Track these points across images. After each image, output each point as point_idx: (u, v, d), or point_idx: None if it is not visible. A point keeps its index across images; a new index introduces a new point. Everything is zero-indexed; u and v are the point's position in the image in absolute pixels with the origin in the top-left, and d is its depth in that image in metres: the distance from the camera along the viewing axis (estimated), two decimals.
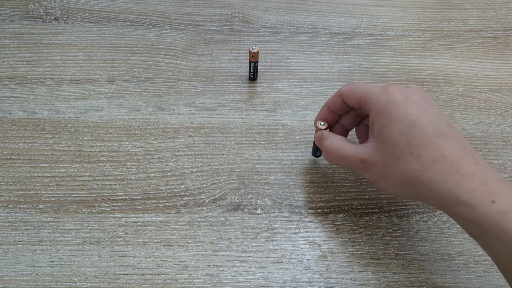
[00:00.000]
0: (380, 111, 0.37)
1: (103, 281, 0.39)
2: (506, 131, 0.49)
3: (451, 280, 0.40)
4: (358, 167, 0.38)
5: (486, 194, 0.32)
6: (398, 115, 0.35)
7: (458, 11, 0.59)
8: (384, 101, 0.37)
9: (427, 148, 0.34)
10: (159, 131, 0.47)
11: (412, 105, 0.36)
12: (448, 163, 0.34)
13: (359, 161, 0.37)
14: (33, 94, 0.49)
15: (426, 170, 0.34)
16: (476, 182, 0.33)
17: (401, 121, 0.35)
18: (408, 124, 0.35)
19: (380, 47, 0.55)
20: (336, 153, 0.39)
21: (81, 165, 0.45)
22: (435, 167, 0.34)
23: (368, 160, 0.37)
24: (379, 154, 0.36)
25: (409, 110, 0.35)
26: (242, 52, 0.54)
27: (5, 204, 0.42)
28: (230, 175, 0.45)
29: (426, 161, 0.34)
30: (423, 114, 0.35)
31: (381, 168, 0.36)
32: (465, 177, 0.33)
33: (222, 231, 0.42)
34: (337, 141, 0.39)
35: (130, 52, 0.53)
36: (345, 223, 0.43)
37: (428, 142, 0.34)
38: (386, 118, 0.36)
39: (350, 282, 0.40)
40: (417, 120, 0.35)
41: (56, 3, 0.57)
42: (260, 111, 0.49)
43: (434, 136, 0.35)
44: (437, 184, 0.34)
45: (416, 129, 0.35)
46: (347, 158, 0.38)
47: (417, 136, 0.35)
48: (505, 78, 0.53)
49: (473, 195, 0.32)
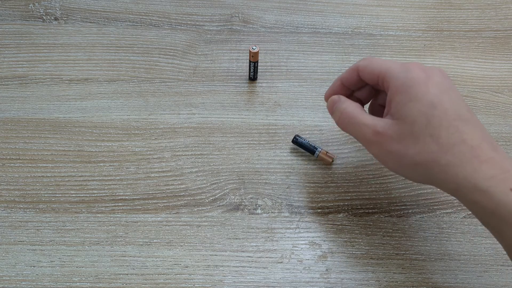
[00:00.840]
0: (400, 88, 0.35)
1: (103, 281, 0.39)
2: (506, 131, 0.49)
3: (451, 280, 0.40)
4: (370, 139, 0.36)
5: (504, 182, 0.31)
6: (418, 94, 0.34)
7: (458, 11, 0.59)
8: (404, 78, 0.35)
9: (447, 131, 0.33)
10: (159, 131, 0.47)
11: (433, 85, 0.35)
12: (467, 147, 0.33)
13: (373, 132, 0.36)
14: (33, 94, 0.49)
15: (445, 153, 0.33)
16: (495, 169, 0.32)
17: (422, 100, 0.34)
18: (429, 104, 0.34)
19: (380, 47, 0.55)
20: (351, 119, 0.37)
21: (81, 165, 0.45)
22: (454, 150, 0.33)
23: (384, 133, 0.35)
24: (395, 131, 0.35)
25: (430, 89, 0.34)
26: (242, 52, 0.54)
27: (5, 204, 0.42)
28: (230, 175, 0.45)
29: (445, 144, 0.33)
30: (444, 95, 0.34)
31: (395, 145, 0.35)
32: (484, 163, 0.32)
33: (222, 231, 0.42)
34: (354, 107, 0.38)
35: (130, 52, 0.53)
36: (345, 223, 0.43)
37: (448, 125, 0.33)
38: (406, 96, 0.35)
39: (350, 282, 0.40)
40: (438, 101, 0.34)
41: (56, 3, 0.57)
42: (260, 111, 0.49)
43: (454, 119, 0.33)
44: (455, 169, 0.33)
45: (436, 110, 0.34)
46: (361, 126, 0.36)
47: (437, 117, 0.33)
48: (505, 78, 0.53)
49: (491, 182, 0.31)
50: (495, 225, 0.32)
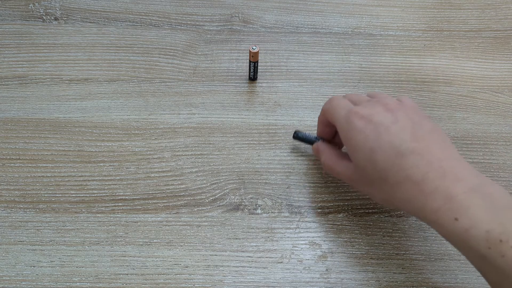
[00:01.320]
0: (345, 139, 0.38)
1: (103, 281, 0.39)
2: (506, 131, 0.49)
3: (451, 280, 0.40)
4: (349, 184, 0.40)
5: (449, 212, 0.32)
6: (359, 143, 0.36)
7: (458, 11, 0.59)
8: (346, 130, 0.38)
9: (391, 170, 0.34)
10: (159, 131, 0.47)
11: (371, 130, 0.36)
12: (411, 183, 0.34)
13: (347, 179, 0.40)
14: (33, 94, 0.49)
15: (395, 192, 0.35)
16: (440, 200, 0.32)
17: (363, 149, 0.36)
18: (369, 150, 0.35)
19: (380, 47, 0.55)
20: (329, 169, 0.41)
21: (81, 165, 0.45)
22: (401, 188, 0.34)
23: (354, 179, 0.39)
24: (358, 175, 0.38)
25: (368, 136, 0.36)
26: (242, 52, 0.54)
27: (5, 204, 0.42)
28: (230, 175, 0.45)
29: (393, 183, 0.35)
30: (383, 135, 0.35)
31: (362, 187, 0.38)
32: (428, 196, 0.33)
33: (222, 231, 0.42)
34: (331, 157, 0.41)
35: (130, 52, 0.53)
36: (345, 223, 0.43)
37: (392, 165, 0.34)
38: (350, 146, 0.37)
39: (350, 282, 0.40)
40: (376, 145, 0.35)
41: (56, 3, 0.57)
42: (260, 111, 0.49)
43: (395, 157, 0.34)
44: (407, 204, 0.34)
45: (377, 154, 0.35)
46: (338, 174, 0.40)
47: (380, 161, 0.35)
48: (505, 78, 0.53)
49: (437, 214, 0.32)
50: (457, 249, 0.33)
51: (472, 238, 0.30)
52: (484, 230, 0.30)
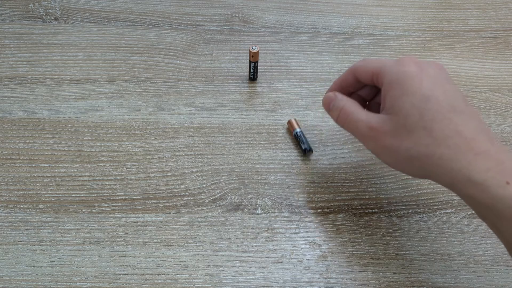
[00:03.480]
0: (393, 83, 0.35)
1: (103, 281, 0.39)
2: (506, 131, 0.49)
3: (451, 280, 0.40)
4: (365, 135, 0.36)
5: (500, 174, 0.30)
6: (411, 88, 0.34)
7: (458, 11, 0.59)
8: (397, 73, 0.35)
9: (441, 123, 0.33)
10: (159, 131, 0.47)
11: (427, 78, 0.34)
12: (462, 139, 0.32)
13: (368, 128, 0.36)
14: (33, 94, 0.49)
15: (438, 146, 0.33)
16: (491, 161, 0.31)
17: (415, 94, 0.34)
18: (422, 97, 0.34)
19: (380, 47, 0.55)
20: (348, 116, 0.38)
21: (81, 165, 0.45)
22: (448, 142, 0.32)
23: (378, 128, 0.35)
24: (390, 125, 0.35)
25: (423, 83, 0.34)
26: (242, 52, 0.54)
27: (5, 204, 0.42)
28: (230, 175, 0.45)
29: (439, 136, 0.33)
30: (438, 88, 0.34)
31: (389, 139, 0.35)
32: (479, 155, 0.31)
33: (222, 231, 0.42)
34: (351, 104, 0.38)
35: (130, 52, 0.53)
36: (345, 223, 0.43)
37: (442, 117, 0.33)
38: (399, 90, 0.35)
39: (350, 282, 0.40)
40: (431, 94, 0.34)
41: (56, 3, 0.57)
42: (260, 111, 0.49)
43: (448, 111, 0.33)
44: (449, 161, 0.32)
45: (430, 102, 0.33)
46: (357, 122, 0.37)
47: (430, 110, 0.33)
48: (505, 78, 0.53)
49: (487, 174, 0.31)
50: (492, 219, 0.32)
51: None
52: None
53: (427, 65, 0.36)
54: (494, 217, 0.31)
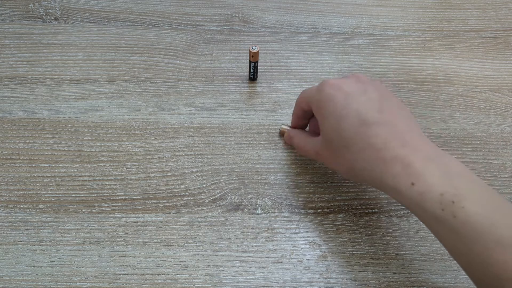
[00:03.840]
0: (316, 110, 0.39)
1: (103, 281, 0.39)
2: (506, 131, 0.49)
3: (451, 280, 0.40)
4: (318, 159, 0.41)
5: (407, 177, 0.33)
6: (328, 111, 0.37)
7: (458, 11, 0.59)
8: (317, 100, 0.38)
9: (355, 138, 0.35)
10: (159, 131, 0.47)
11: (340, 98, 0.37)
12: (373, 151, 0.35)
13: (315, 154, 0.41)
14: (33, 94, 0.49)
15: (357, 160, 0.36)
16: (399, 166, 0.33)
17: (331, 116, 0.37)
18: (336, 118, 0.36)
19: (380, 47, 0.55)
20: (300, 149, 0.43)
21: (81, 165, 0.45)
22: (363, 156, 0.35)
23: (320, 153, 0.40)
24: (324, 148, 0.39)
25: (337, 104, 0.37)
26: (242, 52, 0.54)
27: (5, 204, 0.42)
28: (230, 175, 0.45)
29: (356, 151, 0.35)
30: (351, 104, 0.36)
31: (329, 160, 0.39)
32: (388, 162, 0.34)
33: (222, 231, 0.42)
34: (300, 139, 0.43)
35: (130, 52, 0.53)
36: (345, 223, 0.43)
37: (355, 132, 0.35)
38: (321, 115, 0.38)
39: (350, 282, 0.40)
40: (344, 113, 0.36)
41: (56, 3, 0.57)
42: (260, 111, 0.49)
43: (360, 125, 0.35)
44: (368, 172, 0.35)
45: (343, 122, 0.36)
46: (307, 152, 0.42)
47: (345, 129, 0.36)
48: (505, 78, 0.53)
49: (395, 179, 0.33)
50: (415, 215, 0.34)
51: (427, 200, 0.32)
52: (438, 193, 0.32)
53: (343, 83, 0.38)
54: (415, 214, 0.34)
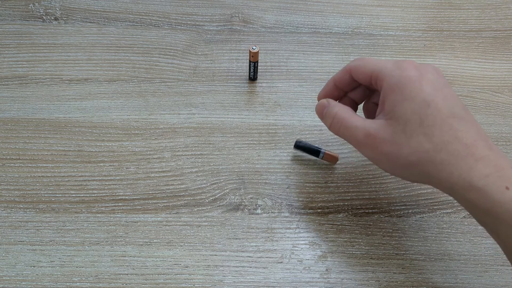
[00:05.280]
0: (393, 87, 0.35)
1: (103, 281, 0.39)
2: (506, 131, 0.49)
3: (451, 280, 0.40)
4: (362, 142, 0.36)
5: (500, 180, 0.31)
6: (412, 93, 0.34)
7: (458, 11, 0.59)
8: (397, 77, 0.35)
9: (441, 129, 0.33)
10: (159, 131, 0.47)
11: (427, 83, 0.34)
12: (462, 145, 0.32)
13: (364, 135, 0.35)
14: (33, 94, 0.49)
15: (439, 152, 0.33)
16: (491, 167, 0.31)
17: (415, 99, 0.34)
18: (422, 102, 0.34)
19: (380, 47, 0.55)
20: (342, 123, 0.37)
21: (81, 165, 0.45)
22: (448, 148, 0.32)
23: (375, 135, 0.35)
24: (388, 131, 0.34)
25: (423, 88, 0.34)
26: (242, 52, 0.54)
27: (5, 204, 0.42)
28: (230, 175, 0.45)
29: (439, 142, 0.33)
30: (438, 93, 0.34)
31: (388, 146, 0.34)
32: (479, 160, 0.32)
33: (222, 231, 0.42)
34: (345, 110, 0.38)
35: (130, 52, 0.53)
36: (345, 223, 0.43)
37: (442, 123, 0.33)
38: (399, 95, 0.34)
39: (350, 282, 0.40)
40: (432, 99, 0.34)
41: (56, 3, 0.57)
42: (260, 111, 0.49)
43: (448, 116, 0.33)
44: (449, 167, 0.32)
45: (430, 108, 0.33)
46: (352, 129, 0.36)
47: (431, 116, 0.33)
48: (505, 78, 0.53)
49: (487, 180, 0.31)
50: (491, 224, 0.32)
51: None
52: None
53: (426, 69, 0.35)
54: (493, 222, 0.31)
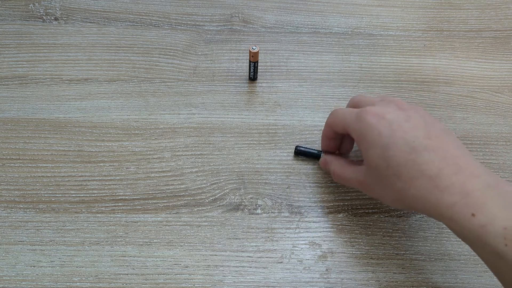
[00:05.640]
0: (359, 138, 0.37)
1: (103, 281, 0.39)
2: (506, 131, 0.49)
3: (451, 280, 0.40)
4: (359, 187, 0.40)
5: (466, 208, 0.32)
6: (373, 140, 0.36)
7: (458, 11, 0.59)
8: (359, 129, 0.37)
9: (406, 167, 0.34)
10: (159, 131, 0.47)
11: (384, 126, 0.36)
12: (426, 179, 0.34)
13: (358, 183, 0.39)
14: (33, 94, 0.49)
15: (408, 189, 0.34)
16: (455, 196, 0.32)
17: (377, 145, 0.36)
18: (383, 146, 0.35)
19: (380, 47, 0.55)
20: (339, 177, 0.41)
21: (81, 165, 0.45)
22: (415, 184, 0.34)
23: (364, 182, 0.38)
24: (370, 177, 0.37)
25: (382, 132, 0.36)
26: (242, 52, 0.54)
27: (5, 204, 0.42)
28: (230, 175, 0.45)
29: (407, 179, 0.34)
30: (397, 132, 0.35)
31: (375, 189, 0.38)
32: (444, 191, 0.33)
33: (222, 231, 0.42)
34: (339, 166, 0.41)
35: (130, 52, 0.53)
36: (345, 223, 0.43)
37: (405, 161, 0.34)
38: (364, 144, 0.37)
39: (350, 282, 0.40)
40: (391, 141, 0.35)
41: (56, 3, 0.57)
42: (260, 111, 0.49)
43: (409, 153, 0.34)
44: (421, 200, 0.34)
45: (391, 150, 0.35)
46: (348, 181, 0.40)
47: (393, 157, 0.35)
48: (505, 78, 0.53)
49: (453, 209, 0.32)
50: (470, 247, 0.33)
51: (489, 234, 0.30)
52: (502, 226, 0.30)
53: (385, 111, 0.37)
54: (470, 245, 0.33)
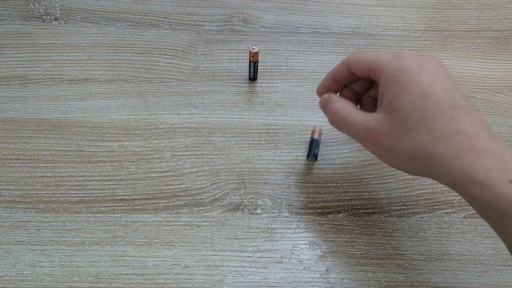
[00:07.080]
0: (391, 80, 0.33)
1: (103, 281, 0.39)
2: (506, 131, 0.49)
3: (451, 280, 0.40)
4: (363, 137, 0.35)
5: (503, 173, 0.30)
6: (410, 85, 0.33)
7: (458, 11, 0.59)
8: (395, 69, 0.34)
9: (441, 121, 0.31)
10: (159, 131, 0.47)
11: (426, 73, 0.33)
12: (463, 137, 0.31)
13: (365, 130, 0.35)
14: (33, 94, 0.49)
15: (439, 145, 0.31)
16: (493, 159, 0.30)
17: (414, 91, 0.32)
18: (421, 94, 0.32)
19: (380, 47, 0.55)
20: (342, 118, 0.36)
21: (81, 165, 0.45)
22: (448, 141, 0.31)
23: (375, 129, 0.34)
24: (387, 125, 0.33)
25: (422, 79, 0.32)
26: (242, 52, 0.54)
27: (5, 204, 0.42)
28: (230, 175, 0.45)
29: (440, 135, 0.31)
30: (438, 84, 0.32)
31: (388, 140, 0.34)
32: (481, 153, 0.30)
33: (222, 231, 0.42)
34: (345, 106, 0.37)
35: (130, 52, 0.53)
36: (345, 223, 0.43)
37: (443, 114, 0.32)
38: (398, 87, 0.33)
39: (350, 282, 0.40)
40: (431, 90, 0.32)
41: (56, 3, 0.57)
42: (260, 111, 0.49)
43: (449, 108, 0.32)
44: (450, 161, 0.31)
45: (429, 99, 0.32)
46: (353, 124, 0.35)
47: (430, 107, 0.32)
48: (505, 78, 0.53)
49: (489, 173, 0.30)
50: (494, 218, 0.31)
51: None
52: None
53: (425, 60, 0.34)
54: (496, 216, 0.31)
